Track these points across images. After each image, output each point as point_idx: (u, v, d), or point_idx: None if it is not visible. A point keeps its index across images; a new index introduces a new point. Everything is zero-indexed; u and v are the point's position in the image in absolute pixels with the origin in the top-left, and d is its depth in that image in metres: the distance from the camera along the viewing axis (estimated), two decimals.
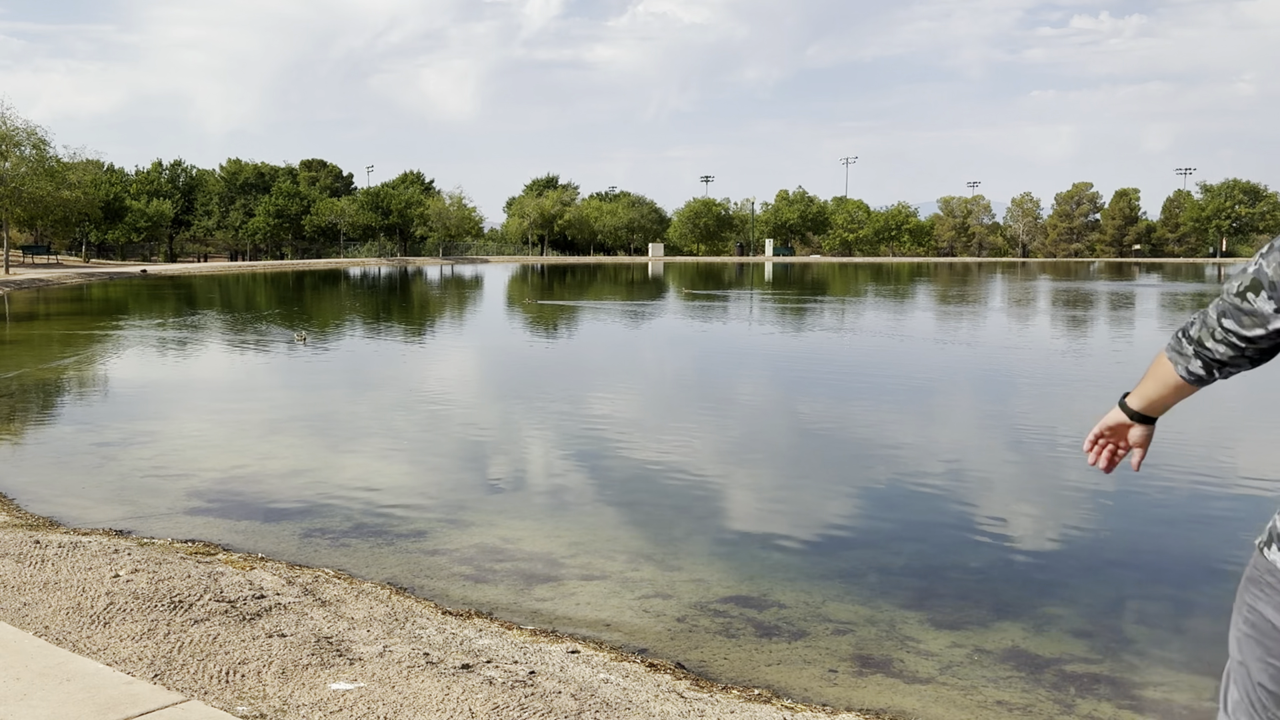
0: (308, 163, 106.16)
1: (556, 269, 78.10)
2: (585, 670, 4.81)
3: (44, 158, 51.89)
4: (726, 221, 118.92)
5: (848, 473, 10.05)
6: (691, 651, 5.47)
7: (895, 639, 5.69)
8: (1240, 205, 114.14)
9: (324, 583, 6.07)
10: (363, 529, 7.73)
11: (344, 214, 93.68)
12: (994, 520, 8.23)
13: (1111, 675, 5.26)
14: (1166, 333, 26.24)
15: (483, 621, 5.68)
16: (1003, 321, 30.54)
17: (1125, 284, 56.57)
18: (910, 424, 12.69)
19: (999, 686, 5.10)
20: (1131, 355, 21.18)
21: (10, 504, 8.25)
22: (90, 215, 68.45)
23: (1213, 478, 9.68)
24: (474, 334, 26.59)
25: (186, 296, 40.35)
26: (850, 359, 20.10)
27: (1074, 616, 6.09)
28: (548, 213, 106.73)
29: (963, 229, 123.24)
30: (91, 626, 4.66)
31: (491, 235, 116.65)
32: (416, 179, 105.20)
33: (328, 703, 3.88)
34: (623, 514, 8.33)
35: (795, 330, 27.14)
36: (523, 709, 3.94)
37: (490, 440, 11.65)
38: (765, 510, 8.65)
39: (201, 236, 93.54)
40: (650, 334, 26.64)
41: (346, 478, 9.39)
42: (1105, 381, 16.61)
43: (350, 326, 27.15)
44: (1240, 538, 7.72)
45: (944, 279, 62.42)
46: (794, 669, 5.28)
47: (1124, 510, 8.60)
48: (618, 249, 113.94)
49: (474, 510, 8.39)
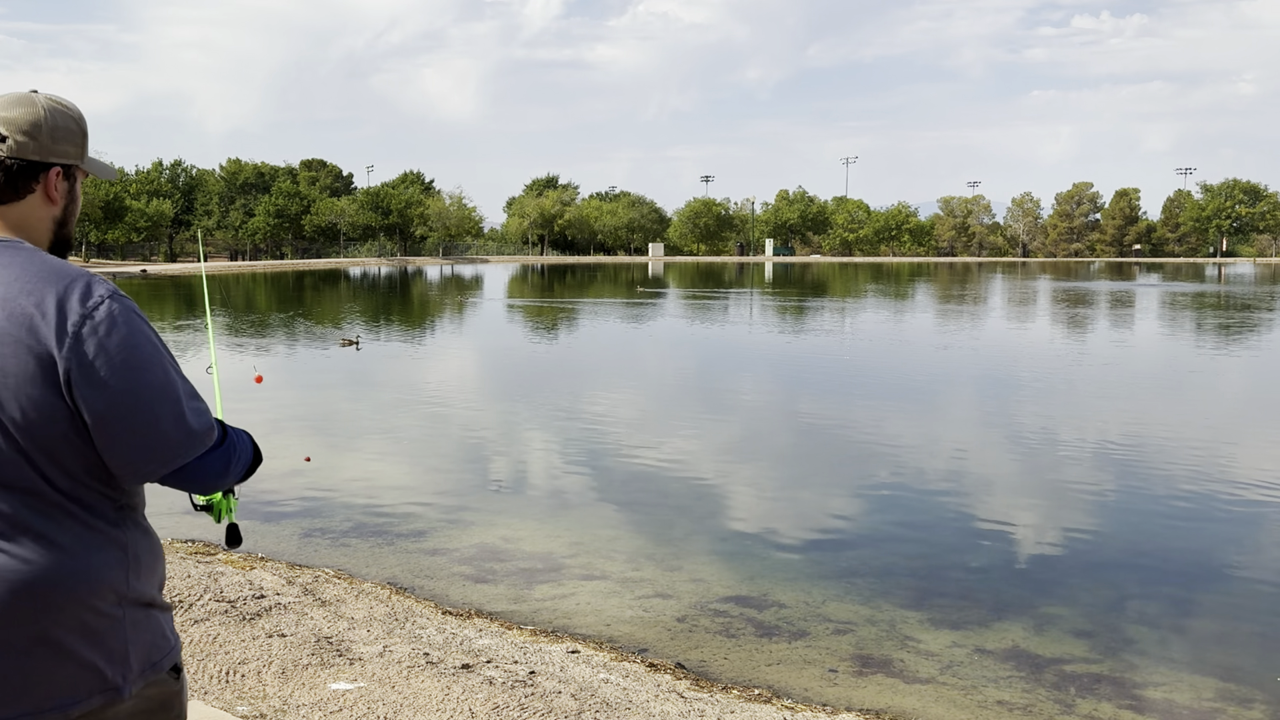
0: (308, 163, 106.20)
1: (556, 269, 78.13)
2: (585, 670, 4.80)
3: None
4: (726, 221, 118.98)
5: (848, 473, 10.05)
6: (691, 651, 5.47)
7: (895, 639, 5.69)
8: (1241, 205, 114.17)
9: (324, 583, 6.07)
10: (363, 529, 7.73)
11: (344, 214, 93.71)
12: (994, 520, 8.22)
13: (1111, 675, 5.26)
14: (1167, 332, 26.33)
15: (483, 621, 5.67)
16: (1003, 322, 30.54)
17: (1126, 284, 56.58)
18: (910, 424, 12.69)
19: (999, 686, 5.10)
20: (1132, 355, 21.19)
21: None
22: (90, 215, 68.48)
23: (1213, 478, 9.67)
24: (468, 334, 26.61)
25: (186, 297, 40.34)
26: (850, 359, 20.10)
27: (1074, 616, 6.09)
28: (548, 213, 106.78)
29: (963, 229, 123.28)
30: None
31: (491, 235, 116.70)
32: (416, 179, 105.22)
33: (328, 703, 3.88)
34: (623, 514, 8.33)
35: (794, 331, 27.13)
36: (523, 709, 3.94)
37: (490, 440, 11.65)
38: (765, 510, 8.65)
39: (201, 236, 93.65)
40: (645, 334, 26.65)
41: (346, 478, 9.39)
42: (1106, 382, 16.61)
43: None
44: (1240, 538, 7.72)
45: (944, 279, 62.44)
46: (794, 669, 5.28)
47: (1124, 510, 8.60)
48: (618, 249, 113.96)
49: (474, 510, 8.39)
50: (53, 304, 1.71)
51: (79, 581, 1.75)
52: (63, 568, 1.74)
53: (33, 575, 1.71)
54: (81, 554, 1.76)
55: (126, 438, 1.74)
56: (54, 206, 1.91)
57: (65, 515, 1.75)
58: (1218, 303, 38.88)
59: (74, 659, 1.76)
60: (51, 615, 1.74)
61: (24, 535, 1.72)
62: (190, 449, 1.82)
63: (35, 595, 1.72)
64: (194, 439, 1.82)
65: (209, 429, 1.86)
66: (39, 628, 1.73)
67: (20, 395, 1.69)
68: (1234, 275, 72.00)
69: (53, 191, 1.89)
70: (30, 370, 1.69)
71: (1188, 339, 24.70)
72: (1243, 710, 4.89)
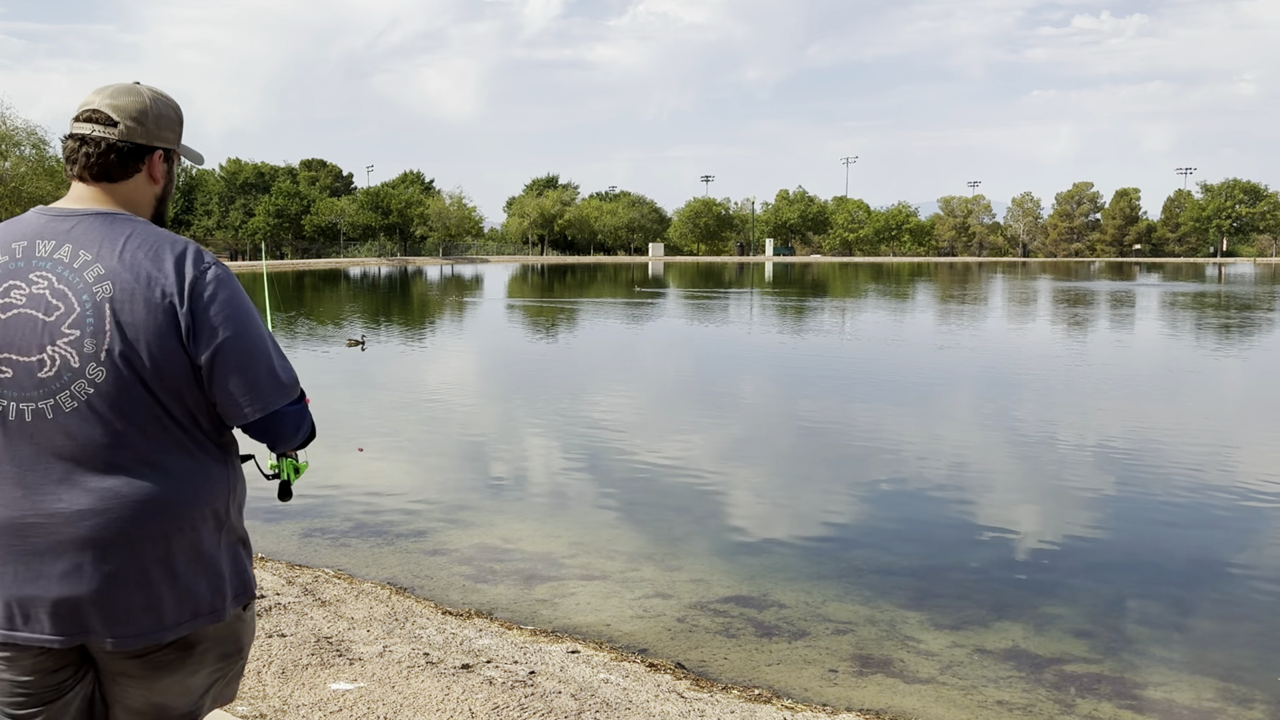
0: (308, 162, 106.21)
1: (556, 269, 78.11)
2: (585, 670, 4.80)
3: (44, 157, 51.88)
4: (727, 221, 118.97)
5: (848, 473, 10.05)
6: (691, 651, 5.47)
7: (895, 639, 5.69)
8: (1241, 205, 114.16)
9: (324, 583, 6.07)
10: (363, 529, 7.73)
11: (344, 214, 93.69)
12: (994, 520, 8.23)
13: (1111, 675, 5.26)
14: (1168, 332, 26.33)
15: (483, 621, 5.67)
16: (1003, 322, 30.54)
17: (1126, 284, 56.57)
18: (910, 424, 12.69)
19: (999, 686, 5.10)
20: (1132, 355, 21.19)
21: None
22: None
23: (1213, 478, 9.67)
24: (467, 334, 26.61)
25: None
26: (850, 360, 20.10)
27: (1074, 616, 6.09)
28: (548, 213, 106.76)
29: (963, 229, 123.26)
30: None
31: (491, 235, 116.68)
32: (416, 179, 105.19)
33: (328, 703, 3.88)
34: (623, 514, 8.33)
35: (794, 331, 27.13)
36: (523, 709, 3.94)
37: (490, 440, 11.65)
38: (765, 510, 8.65)
39: (201, 236, 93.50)
40: (645, 333, 26.64)
41: (346, 478, 9.39)
42: (1106, 382, 16.61)
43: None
44: (1240, 538, 7.72)
45: (944, 279, 62.43)
46: (794, 669, 5.28)
47: (1124, 510, 8.60)
48: (618, 249, 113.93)
49: (474, 510, 8.39)
50: (171, 266, 2.00)
51: (193, 506, 2.02)
52: (182, 493, 2.01)
53: (158, 498, 1.98)
54: (195, 483, 2.04)
55: (234, 380, 2.02)
56: (156, 185, 2.19)
57: (182, 449, 2.02)
58: (1218, 303, 38.88)
59: (185, 583, 2.02)
60: (179, 539, 2.01)
61: (150, 465, 1.99)
62: (282, 396, 2.10)
63: (160, 515, 1.98)
64: (284, 388, 2.11)
65: (295, 382, 2.15)
66: (161, 550, 1.99)
67: (148, 344, 1.96)
68: (1234, 275, 71.99)
69: (156, 172, 2.17)
70: (156, 323, 1.96)
71: (1188, 339, 24.70)
72: (1243, 710, 4.89)
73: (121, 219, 2.07)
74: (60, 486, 1.95)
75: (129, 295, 1.96)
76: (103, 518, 1.94)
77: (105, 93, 2.12)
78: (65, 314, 1.96)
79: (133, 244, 2.02)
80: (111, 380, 1.95)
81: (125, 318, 1.95)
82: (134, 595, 1.98)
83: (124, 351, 1.95)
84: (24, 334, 1.96)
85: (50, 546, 1.95)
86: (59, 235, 2.02)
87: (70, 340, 1.95)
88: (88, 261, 1.99)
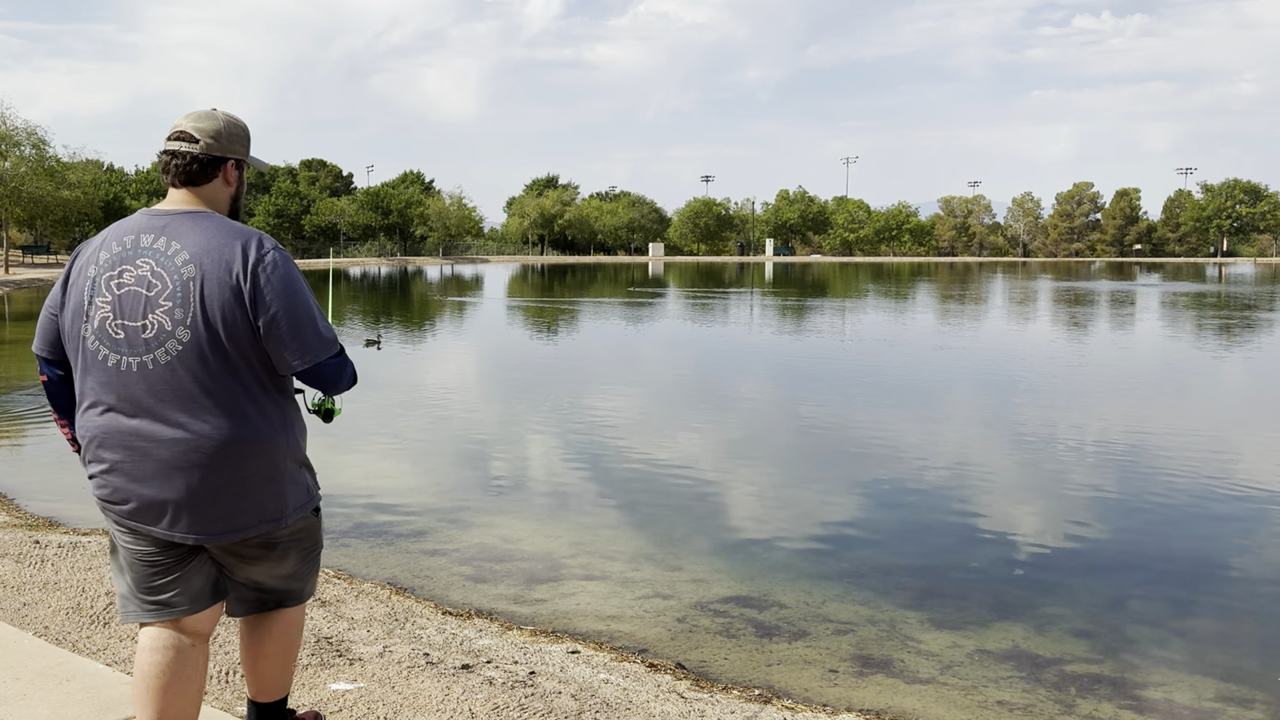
0: (308, 162, 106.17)
1: (556, 269, 78.12)
2: (585, 670, 4.80)
3: (44, 157, 51.85)
4: (727, 221, 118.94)
5: (848, 473, 10.05)
6: (691, 651, 5.47)
7: (895, 639, 5.69)
8: (1241, 205, 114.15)
9: (323, 583, 6.07)
10: (363, 529, 7.73)
11: (344, 214, 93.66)
12: (994, 520, 8.22)
13: (1111, 675, 5.26)
14: (1168, 332, 26.31)
15: (483, 621, 5.67)
16: (1003, 322, 30.54)
17: (1126, 284, 56.57)
18: (910, 424, 12.69)
19: (999, 686, 5.10)
20: (1132, 355, 21.19)
21: (10, 504, 8.25)
22: (90, 215, 68.41)
23: (1213, 478, 9.67)
24: (467, 333, 26.61)
25: None
26: (850, 360, 20.10)
27: (1074, 616, 6.09)
28: (548, 212, 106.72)
29: (963, 229, 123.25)
30: (91, 626, 4.66)
31: (491, 235, 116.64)
32: (416, 179, 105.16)
33: (327, 703, 3.88)
34: (623, 514, 8.33)
35: (795, 331, 27.13)
36: (523, 709, 3.94)
37: (490, 440, 11.65)
38: (765, 510, 8.65)
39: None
40: (645, 333, 26.64)
41: (346, 478, 9.39)
42: (1106, 382, 16.61)
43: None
44: (1240, 538, 7.72)
45: (944, 279, 62.43)
46: (794, 669, 5.28)
47: (1124, 510, 8.59)
48: (618, 249, 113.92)
49: (474, 510, 8.39)
50: (238, 250, 2.61)
51: (264, 440, 2.66)
52: (255, 430, 2.64)
53: (230, 430, 2.61)
54: (264, 422, 2.67)
55: (286, 339, 2.62)
56: (230, 188, 2.81)
57: (249, 394, 2.64)
58: (1218, 303, 38.87)
59: (255, 497, 2.67)
60: (247, 463, 2.63)
61: (224, 405, 2.61)
62: (325, 351, 2.70)
63: (232, 443, 2.61)
64: (327, 344, 2.71)
65: (335, 340, 2.76)
66: (239, 473, 2.63)
67: (222, 312, 2.57)
68: (1234, 275, 71.98)
69: (229, 177, 2.79)
70: (229, 295, 2.58)
71: (1188, 339, 24.69)
72: (1243, 710, 4.89)
73: (203, 215, 2.68)
74: (157, 421, 2.58)
75: (208, 275, 2.57)
76: (187, 444, 2.58)
77: (190, 117, 2.74)
78: (162, 290, 2.57)
79: (211, 234, 2.62)
80: (194, 340, 2.57)
81: (205, 292, 2.56)
82: (213, 504, 2.62)
83: (204, 318, 2.56)
84: (132, 305, 2.59)
85: (152, 462, 2.58)
86: (156, 229, 2.64)
87: (165, 310, 2.57)
88: (178, 249, 2.60)
